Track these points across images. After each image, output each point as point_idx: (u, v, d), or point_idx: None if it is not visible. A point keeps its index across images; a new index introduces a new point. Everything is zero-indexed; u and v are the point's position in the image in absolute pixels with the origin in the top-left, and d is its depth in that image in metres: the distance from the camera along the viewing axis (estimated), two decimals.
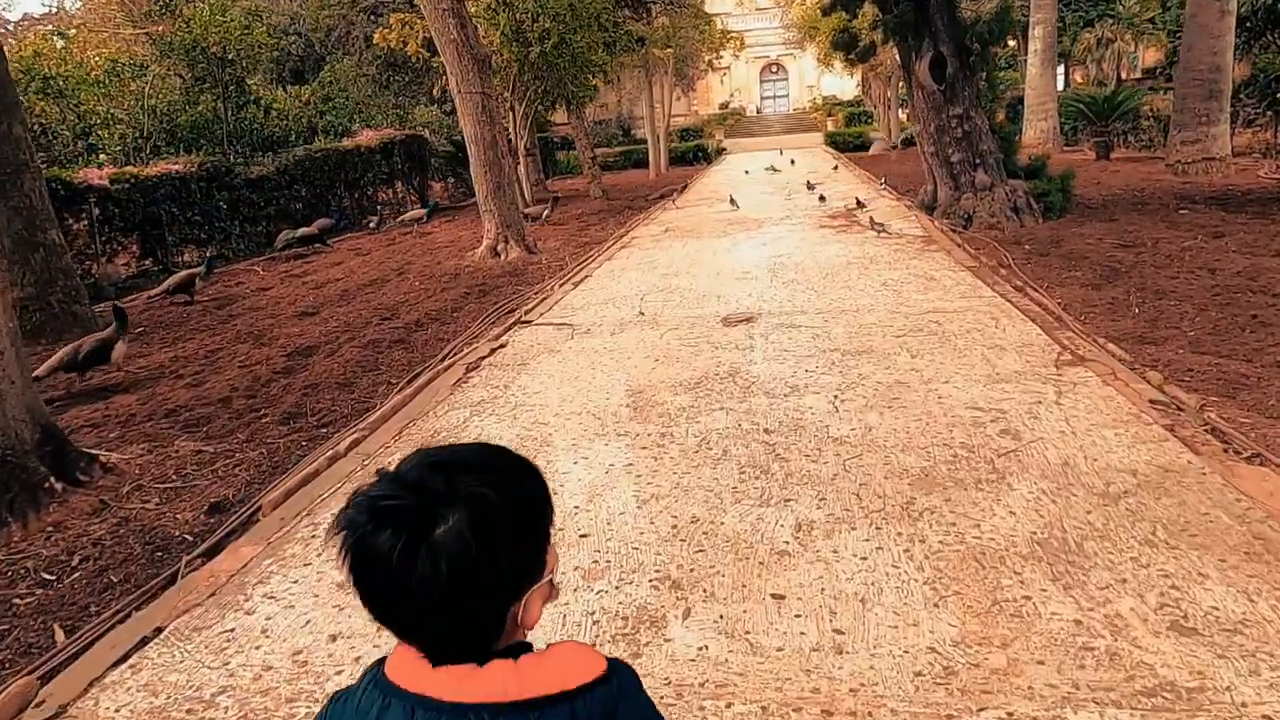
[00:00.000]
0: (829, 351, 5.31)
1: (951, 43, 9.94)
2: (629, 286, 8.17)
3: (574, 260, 10.62)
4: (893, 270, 7.78)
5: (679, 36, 24.31)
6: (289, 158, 16.08)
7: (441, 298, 8.85)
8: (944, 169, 10.45)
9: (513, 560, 0.82)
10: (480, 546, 0.77)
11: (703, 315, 6.63)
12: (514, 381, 5.29)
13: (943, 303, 6.34)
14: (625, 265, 9.51)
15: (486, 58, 11.19)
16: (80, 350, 6.01)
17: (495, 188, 11.48)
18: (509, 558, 0.81)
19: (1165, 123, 18.97)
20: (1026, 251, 8.37)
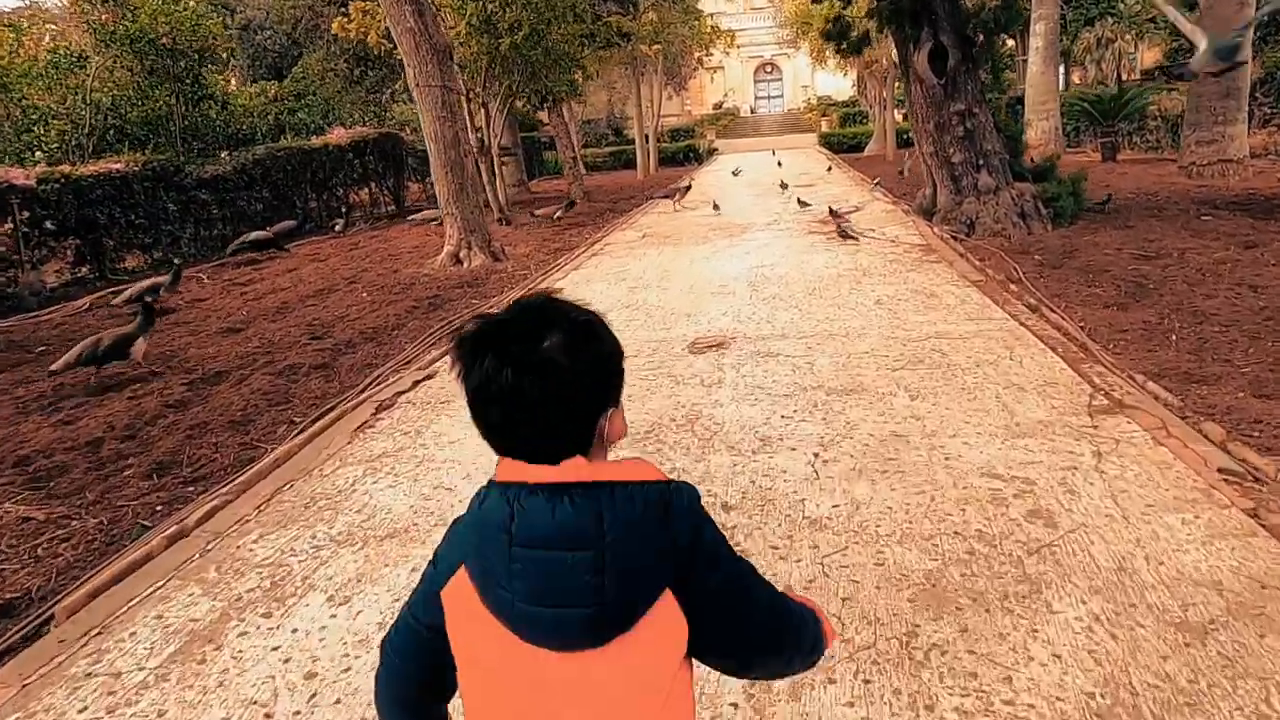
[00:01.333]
0: (811, 389, 4.40)
1: (953, 32, 9.06)
2: (593, 302, 7.25)
3: (540, 269, 9.71)
4: (888, 285, 6.89)
5: (667, 32, 23.43)
6: (248, 157, 15.13)
7: (386, 312, 7.94)
8: (944, 170, 9.56)
9: (595, 379, 0.97)
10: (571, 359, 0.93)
11: (668, 339, 5.72)
12: (429, 426, 4.37)
13: (946, 325, 5.45)
14: (592, 276, 8.60)
15: (447, 48, 10.27)
16: (99, 345, 5.87)
17: (458, 190, 10.57)
18: (592, 376, 0.96)
19: (1173, 123, 18.16)
20: (1037, 263, 7.49)
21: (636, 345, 5.63)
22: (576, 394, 0.94)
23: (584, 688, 0.91)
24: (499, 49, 12.27)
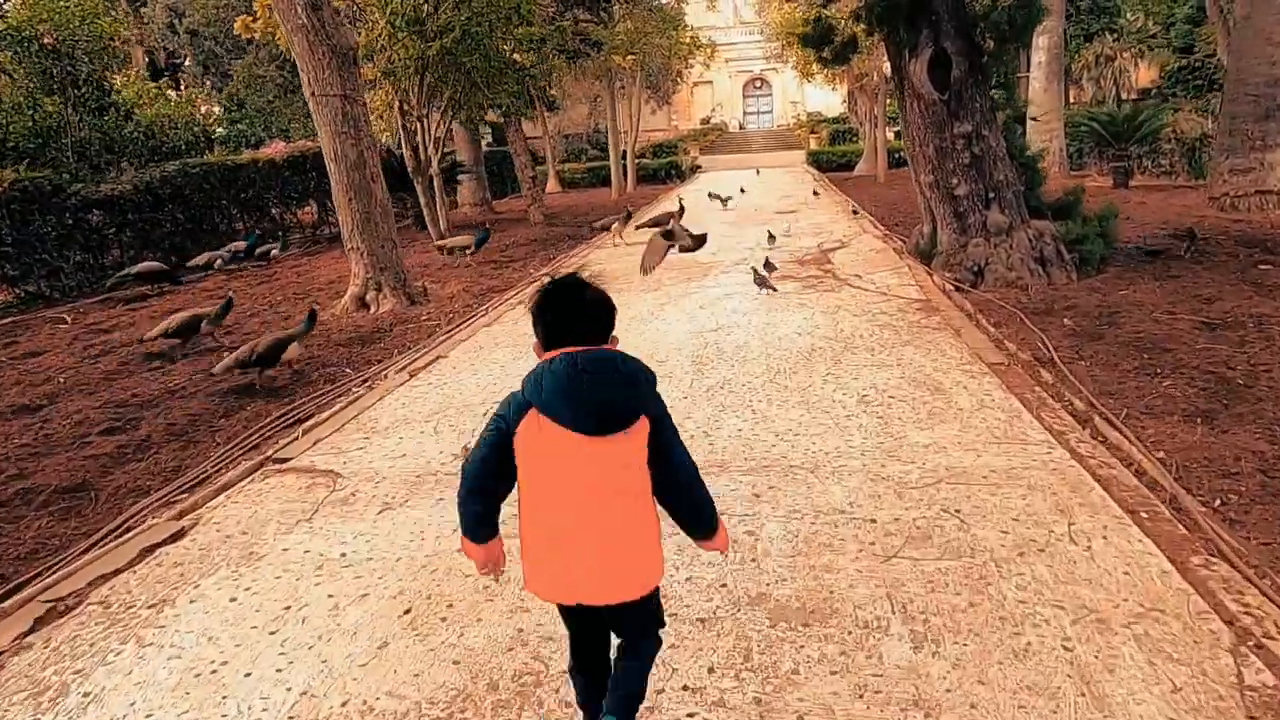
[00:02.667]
0: (745, 608, 2.64)
1: (958, 37, 7.38)
2: (484, 382, 5.48)
3: (452, 321, 7.93)
4: (877, 366, 5.14)
5: (643, 43, 21.80)
6: (155, 174, 13.32)
7: (237, 382, 6.14)
8: (946, 205, 7.86)
9: (608, 313, 1.84)
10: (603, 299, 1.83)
11: None
12: (96, 669, 2.57)
13: (963, 455, 3.69)
14: (504, 337, 6.82)
15: (349, 50, 8.53)
16: (255, 349, 5.89)
17: (363, 220, 8.81)
18: (608, 311, 1.84)
19: (1190, 146, 16.62)
20: (1069, 331, 5.77)
21: None
22: (608, 314, 1.86)
23: (597, 457, 1.76)
24: (429, 54, 10.56)
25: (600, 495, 1.78)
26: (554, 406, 1.73)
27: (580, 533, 1.78)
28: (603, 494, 1.78)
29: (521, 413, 1.78)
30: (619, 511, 1.80)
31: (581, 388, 1.72)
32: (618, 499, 1.79)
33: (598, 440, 1.74)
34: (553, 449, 1.75)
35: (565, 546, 1.81)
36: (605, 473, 1.77)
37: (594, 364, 1.75)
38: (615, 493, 1.79)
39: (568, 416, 1.73)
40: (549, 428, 1.74)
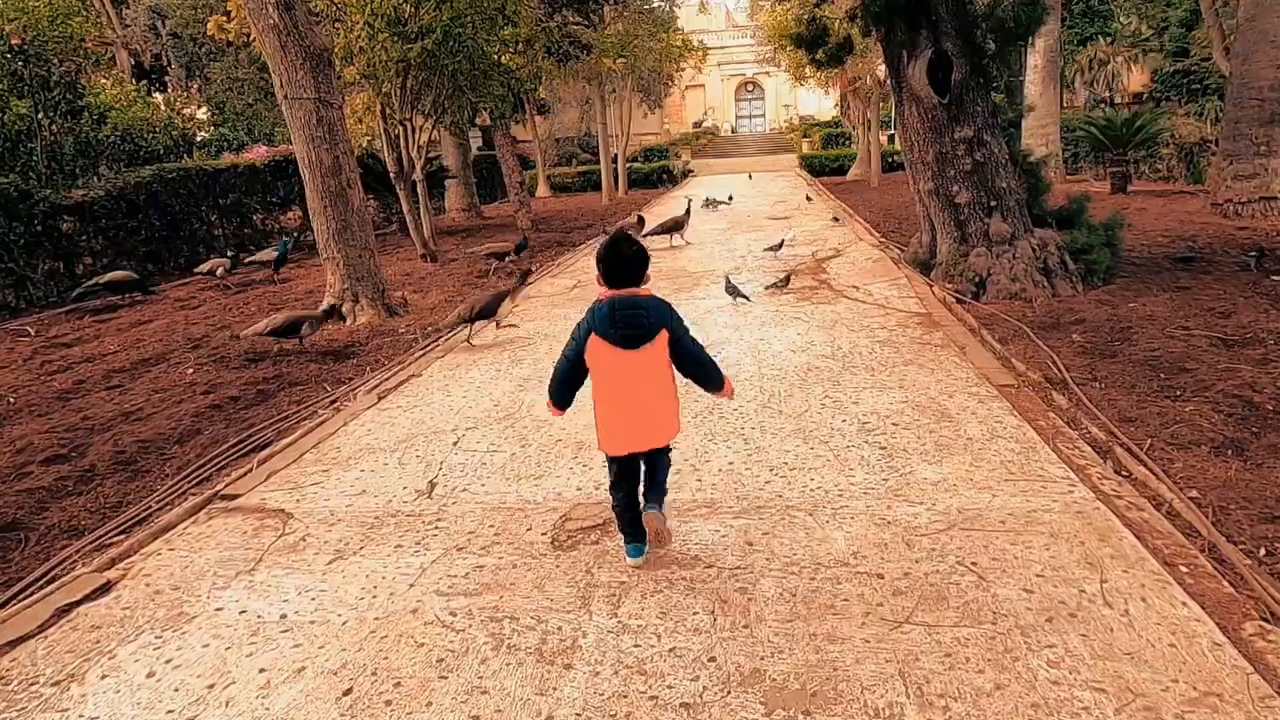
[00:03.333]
0: (735, 690, 2.28)
1: (959, 37, 7.07)
2: (458, 404, 5.11)
3: (429, 335, 7.56)
4: (878, 388, 4.80)
5: (633, 46, 21.48)
6: (129, 179, 12.91)
7: (197, 404, 5.77)
8: (947, 213, 7.54)
9: (642, 263, 2.78)
10: (638, 255, 2.76)
11: (527, 507, 3.59)
12: None
13: (976, 495, 3.35)
14: (483, 353, 6.46)
15: (324, 53, 8.17)
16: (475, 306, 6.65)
17: (339, 228, 8.44)
18: (642, 262, 2.78)
19: (1188, 151, 16.40)
20: (1080, 349, 5.45)
21: (477, 516, 3.48)
22: (641, 264, 2.76)
23: (634, 362, 2.76)
24: (410, 56, 10.19)
25: (639, 385, 2.82)
26: (604, 332, 2.75)
27: (634, 408, 2.84)
28: (641, 385, 2.82)
29: (587, 335, 2.79)
30: (651, 395, 2.84)
31: (618, 322, 2.74)
32: (650, 387, 2.83)
33: (632, 352, 2.77)
34: (607, 357, 2.78)
35: (625, 418, 2.85)
36: (641, 371, 2.80)
37: (626, 306, 2.75)
38: (648, 383, 2.82)
39: (612, 337, 2.75)
40: (602, 345, 2.77)
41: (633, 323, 2.74)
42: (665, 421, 2.92)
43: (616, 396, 2.83)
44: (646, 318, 2.76)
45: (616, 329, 2.74)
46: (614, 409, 2.84)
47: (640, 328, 2.75)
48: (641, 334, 2.76)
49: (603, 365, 2.81)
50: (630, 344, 2.75)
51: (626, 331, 2.74)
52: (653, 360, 2.79)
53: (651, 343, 2.76)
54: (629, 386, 2.81)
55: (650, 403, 2.84)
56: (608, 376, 2.82)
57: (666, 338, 2.79)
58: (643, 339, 2.76)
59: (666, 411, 2.90)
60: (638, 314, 2.75)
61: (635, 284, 2.79)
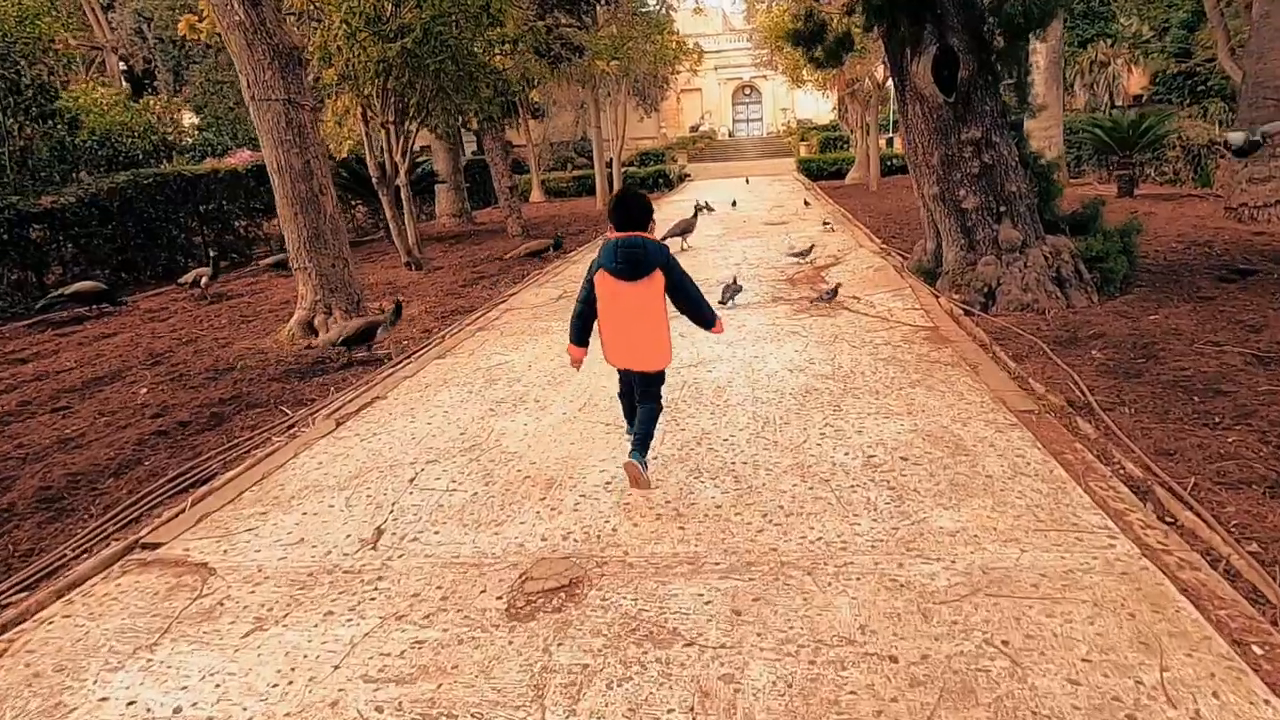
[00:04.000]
0: None
1: (965, 32, 6.63)
2: (421, 432, 4.65)
3: (405, 350, 7.11)
4: (886, 416, 4.34)
5: (627, 48, 21.06)
6: (102, 185, 12.45)
7: (143, 429, 5.31)
8: (953, 219, 7.10)
9: (644, 211, 3.32)
10: (640, 204, 3.33)
11: (484, 562, 3.12)
12: None
13: (1001, 549, 2.89)
14: (455, 372, 5.99)
15: (293, 50, 7.72)
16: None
17: (311, 237, 7.98)
18: (644, 210, 3.32)
19: (1195, 153, 15.98)
20: (1102, 367, 5.00)
21: (424, 576, 3.00)
22: (643, 211, 3.31)
23: (635, 294, 3.29)
24: (389, 56, 9.75)
25: (633, 313, 3.31)
26: (609, 265, 3.26)
27: (627, 332, 3.35)
28: (634, 313, 3.30)
29: (596, 269, 3.32)
30: (646, 321, 3.31)
31: (620, 256, 3.24)
32: (646, 315, 3.30)
33: (633, 283, 3.26)
34: (611, 288, 3.30)
35: (619, 339, 3.38)
36: (638, 301, 3.28)
37: (628, 245, 3.24)
38: (641, 312, 3.30)
39: (615, 269, 3.25)
40: (607, 276, 3.29)
41: (632, 258, 3.24)
42: (654, 348, 3.37)
43: (614, 320, 3.37)
44: (645, 254, 3.25)
45: (617, 262, 3.25)
46: (612, 331, 3.40)
47: (638, 262, 3.24)
48: (639, 267, 3.25)
49: (606, 294, 3.35)
50: (628, 275, 3.26)
51: (625, 265, 3.24)
52: (648, 293, 3.28)
53: (649, 277, 3.25)
54: (625, 313, 3.33)
55: (641, 329, 3.33)
56: (609, 303, 3.35)
57: (662, 277, 3.27)
58: (640, 272, 3.25)
59: (656, 340, 3.36)
60: (636, 251, 3.25)
61: (639, 229, 3.30)
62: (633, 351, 3.38)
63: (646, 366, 3.41)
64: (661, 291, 3.29)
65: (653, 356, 3.39)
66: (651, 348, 3.37)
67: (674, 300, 3.36)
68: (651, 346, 3.36)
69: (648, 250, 3.25)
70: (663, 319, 3.33)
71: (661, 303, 3.30)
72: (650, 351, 3.37)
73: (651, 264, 3.24)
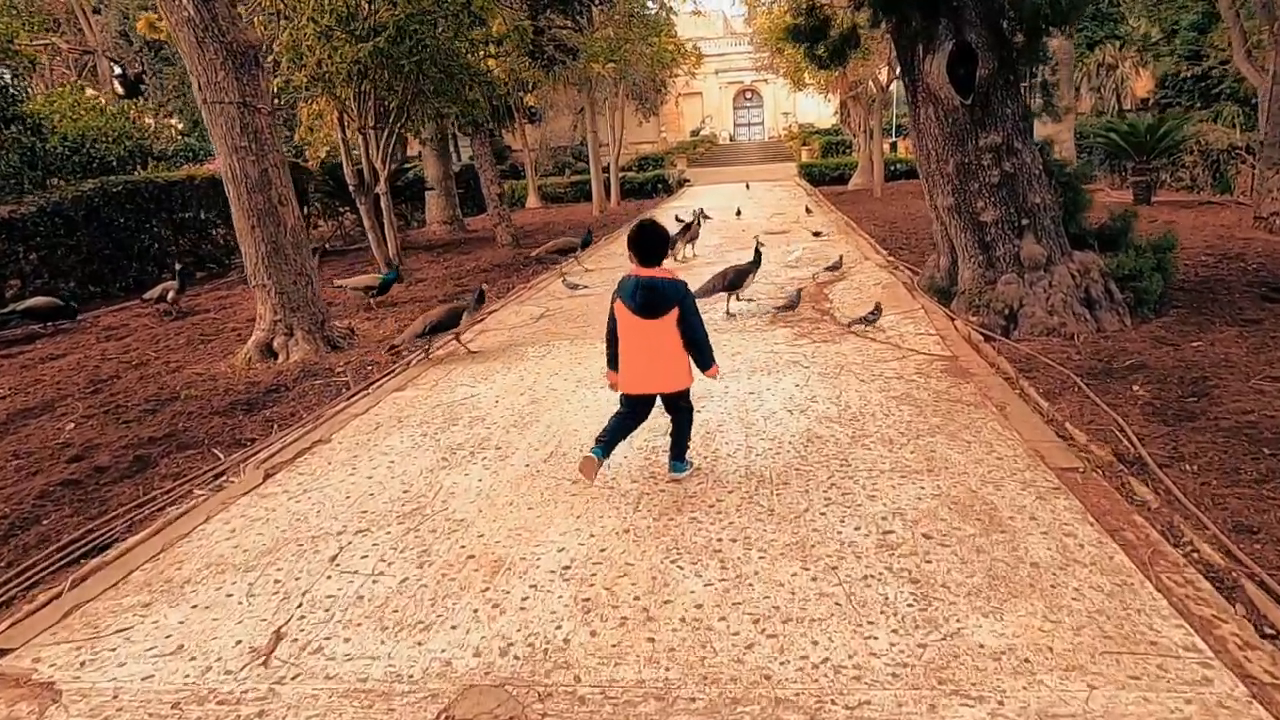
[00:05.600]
0: None
1: (985, 27, 5.98)
2: (359, 489, 3.99)
3: (368, 376, 6.46)
4: (903, 474, 3.67)
5: (624, 50, 20.45)
6: (65, 194, 11.83)
7: (54, 476, 4.66)
8: (970, 233, 6.44)
9: (662, 244, 3.54)
10: (659, 237, 3.54)
11: (409, 682, 2.46)
12: None
13: (1065, 685, 2.22)
14: (413, 409, 5.33)
15: (250, 50, 7.09)
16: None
17: (270, 251, 7.35)
18: (662, 243, 3.54)
19: (1213, 159, 15.32)
20: (1148, 407, 4.34)
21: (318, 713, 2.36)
22: (662, 244, 3.53)
23: (654, 329, 3.51)
24: (362, 56, 9.12)
25: (653, 345, 3.55)
26: (628, 303, 3.52)
27: (648, 363, 3.57)
28: (654, 345, 3.55)
29: (615, 300, 3.59)
30: (665, 351, 3.56)
31: (639, 298, 3.48)
32: (664, 346, 3.55)
33: (650, 320, 3.50)
34: (630, 322, 3.54)
35: (640, 370, 3.60)
36: (657, 335, 3.53)
37: (648, 284, 3.47)
38: (661, 345, 3.55)
39: (634, 308, 3.50)
40: (625, 311, 3.55)
41: (651, 301, 3.47)
42: (676, 373, 3.60)
43: (635, 353, 3.58)
44: (664, 297, 3.48)
45: (637, 303, 3.48)
46: (633, 361, 3.59)
47: (656, 304, 3.47)
48: (657, 308, 3.48)
49: (625, 326, 3.57)
50: (649, 314, 3.49)
51: (645, 307, 3.48)
52: (665, 328, 3.51)
53: (665, 316, 3.49)
54: (645, 345, 3.54)
55: (661, 358, 3.56)
56: (629, 337, 3.57)
57: (677, 312, 3.50)
58: (658, 312, 3.48)
59: (676, 366, 3.59)
60: (655, 294, 3.47)
61: (658, 262, 3.53)
62: (655, 379, 3.61)
63: (672, 389, 3.65)
64: (674, 325, 3.53)
65: (676, 380, 3.63)
66: (673, 373, 3.61)
67: (681, 333, 3.55)
68: (673, 372, 3.60)
69: (665, 293, 3.49)
70: (680, 346, 3.58)
71: (677, 334, 3.54)
72: (673, 376, 3.61)
73: (670, 304, 3.49)
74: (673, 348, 3.55)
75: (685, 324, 3.51)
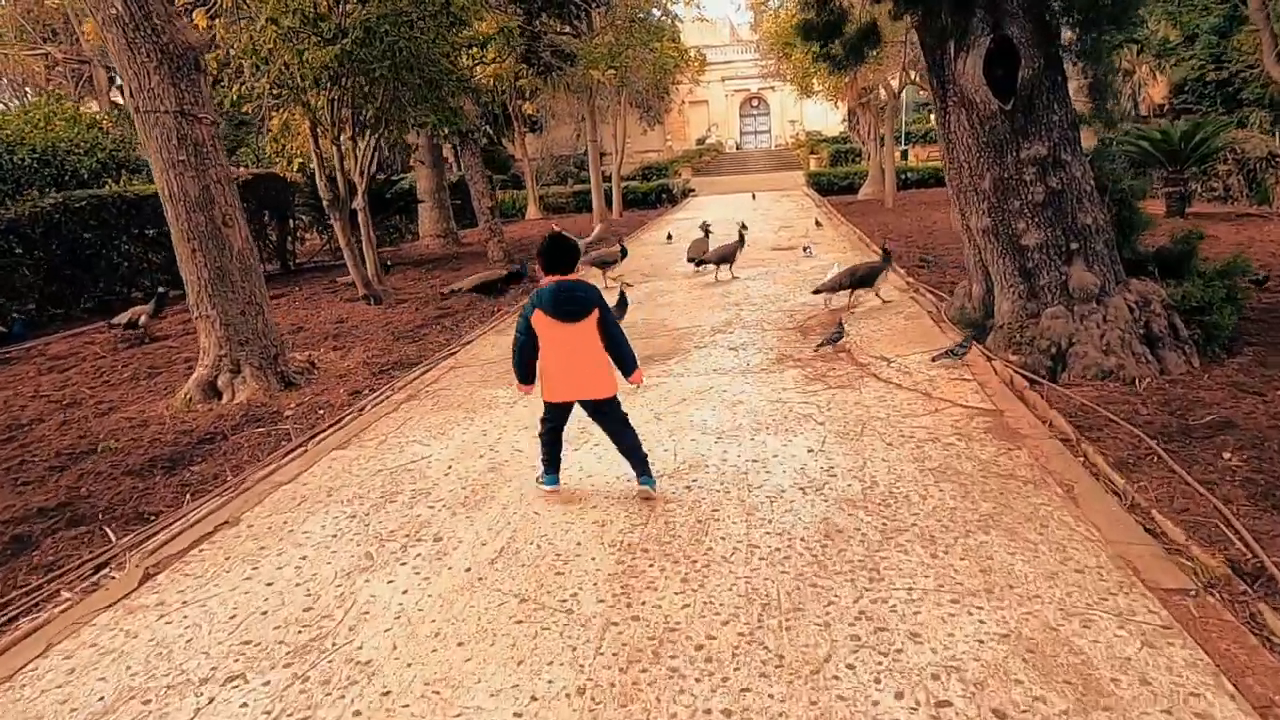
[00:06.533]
0: None
1: (1028, 19, 5.12)
2: (250, 605, 3.13)
3: (316, 420, 5.61)
4: (951, 594, 2.79)
5: (625, 56, 19.66)
6: (20, 210, 11.07)
7: None
8: (1009, 259, 5.56)
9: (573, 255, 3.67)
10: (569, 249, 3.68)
11: None
12: None
13: None
14: (349, 475, 4.46)
15: (189, 51, 6.30)
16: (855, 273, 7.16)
17: (214, 278, 6.54)
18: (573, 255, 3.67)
19: (1249, 167, 14.39)
20: (1248, 483, 3.45)
21: None
22: (572, 256, 3.66)
23: (577, 333, 3.59)
24: (329, 60, 8.32)
25: (576, 350, 3.62)
26: (548, 308, 3.57)
27: (575, 368, 3.64)
28: (577, 350, 3.62)
29: (534, 309, 3.60)
30: (585, 357, 3.62)
31: (560, 302, 3.56)
32: (584, 352, 3.62)
33: (572, 325, 3.58)
34: (552, 329, 3.59)
35: (567, 375, 3.65)
36: (581, 339, 3.60)
37: (567, 289, 3.58)
38: (583, 349, 3.62)
39: (554, 313, 3.56)
40: (545, 319, 3.58)
41: (571, 304, 3.59)
42: (602, 377, 3.69)
43: (560, 359, 3.66)
44: (583, 301, 3.61)
45: (559, 307, 3.58)
46: (555, 368, 3.68)
47: (578, 306, 3.60)
48: (578, 311, 3.59)
49: (547, 334, 3.63)
50: (569, 319, 3.59)
51: (568, 310, 3.58)
52: (586, 331, 3.63)
53: (585, 320, 3.61)
54: (567, 351, 3.64)
55: (585, 364, 3.65)
56: (553, 344, 3.64)
57: (597, 315, 3.62)
58: (578, 316, 3.59)
59: (599, 371, 3.68)
60: (576, 296, 3.60)
61: (569, 271, 3.67)
62: (582, 384, 3.67)
63: (598, 394, 3.69)
64: (595, 329, 3.62)
65: (603, 384, 3.69)
66: (600, 377, 3.67)
67: (601, 335, 3.64)
68: (599, 376, 3.67)
69: (584, 297, 3.61)
70: (603, 352, 3.67)
71: (598, 338, 3.63)
72: (599, 380, 3.68)
73: (589, 308, 3.61)
74: (596, 352, 3.64)
75: (606, 326, 3.63)
